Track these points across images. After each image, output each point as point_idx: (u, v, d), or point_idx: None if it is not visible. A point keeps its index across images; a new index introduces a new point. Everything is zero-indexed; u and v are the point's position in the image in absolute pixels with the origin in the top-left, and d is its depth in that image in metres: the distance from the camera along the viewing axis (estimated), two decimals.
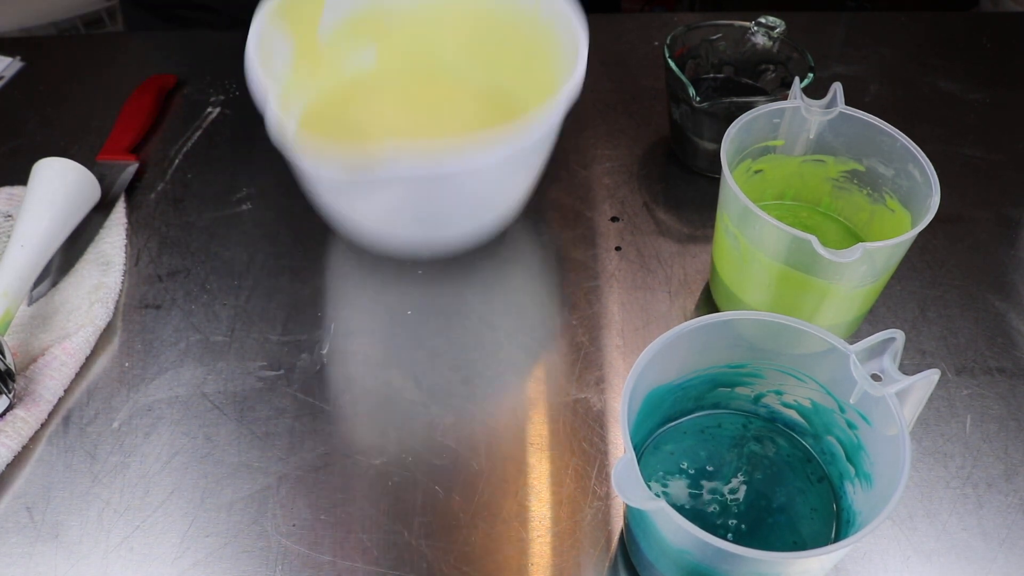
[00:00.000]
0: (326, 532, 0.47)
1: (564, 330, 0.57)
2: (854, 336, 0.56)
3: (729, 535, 0.44)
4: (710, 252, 0.61)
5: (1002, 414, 0.53)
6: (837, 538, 0.44)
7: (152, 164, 0.68)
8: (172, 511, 0.48)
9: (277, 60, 0.56)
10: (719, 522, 0.44)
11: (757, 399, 0.48)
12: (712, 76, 0.68)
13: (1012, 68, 0.79)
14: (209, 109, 0.73)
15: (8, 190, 0.65)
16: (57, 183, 0.60)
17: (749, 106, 0.55)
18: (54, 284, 0.59)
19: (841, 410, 0.43)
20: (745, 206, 0.48)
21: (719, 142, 0.51)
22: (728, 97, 0.62)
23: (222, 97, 0.74)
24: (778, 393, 0.46)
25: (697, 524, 0.35)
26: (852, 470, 0.44)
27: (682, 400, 0.47)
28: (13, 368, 0.51)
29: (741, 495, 0.45)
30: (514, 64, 0.62)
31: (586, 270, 0.61)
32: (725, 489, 0.45)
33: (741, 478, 0.46)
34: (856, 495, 0.43)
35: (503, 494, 0.49)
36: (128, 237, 0.62)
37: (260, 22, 0.54)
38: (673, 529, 0.38)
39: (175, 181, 0.67)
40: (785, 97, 0.55)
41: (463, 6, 0.62)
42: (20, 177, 0.63)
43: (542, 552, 0.47)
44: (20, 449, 0.50)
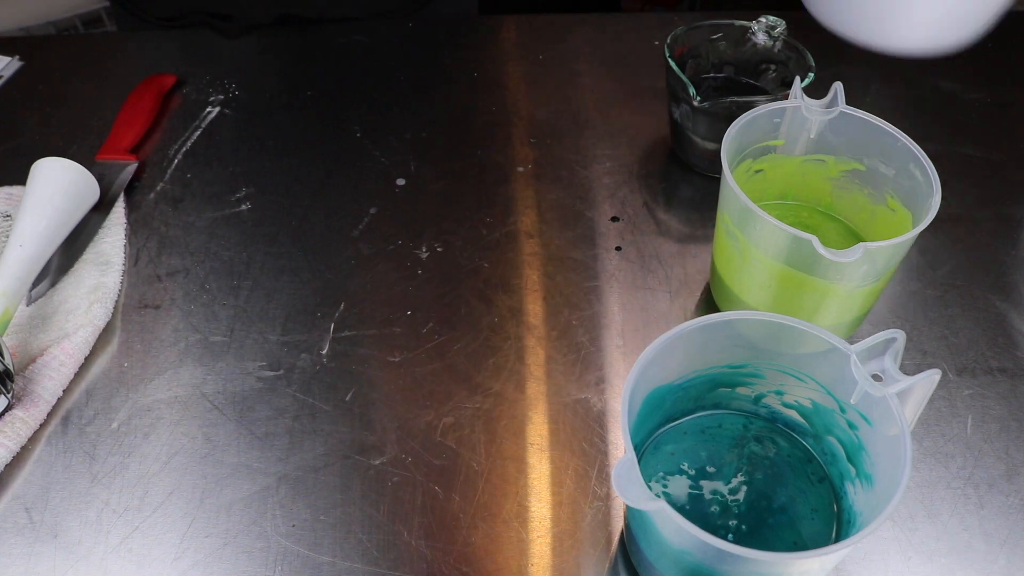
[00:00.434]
0: (326, 532, 0.47)
1: (564, 330, 0.57)
2: (855, 336, 0.56)
3: (729, 535, 0.43)
4: (710, 252, 0.61)
5: (1003, 414, 0.53)
6: (838, 538, 0.44)
7: (151, 164, 0.68)
8: (171, 512, 0.48)
9: None
10: (719, 522, 0.44)
11: (757, 399, 0.47)
12: (712, 76, 0.68)
13: (1013, 68, 0.79)
14: (209, 109, 0.73)
15: (7, 190, 0.65)
16: (56, 183, 0.60)
17: (749, 106, 0.55)
18: (53, 284, 0.58)
19: (842, 410, 0.43)
20: (745, 206, 0.48)
21: (719, 142, 0.51)
22: (728, 97, 0.61)
23: (221, 97, 0.74)
24: (779, 393, 0.46)
25: (697, 524, 0.35)
26: (853, 470, 0.43)
27: (682, 400, 0.47)
28: (12, 368, 0.51)
29: (742, 495, 0.45)
30: None
31: (586, 270, 0.60)
32: (725, 489, 0.45)
33: (741, 478, 0.46)
34: (857, 495, 0.43)
35: (503, 494, 0.49)
36: (127, 237, 0.62)
37: None
38: (673, 529, 0.38)
39: (174, 181, 0.67)
40: (786, 97, 0.55)
41: None
42: (19, 177, 0.63)
43: (542, 552, 0.47)
44: (19, 450, 0.50)
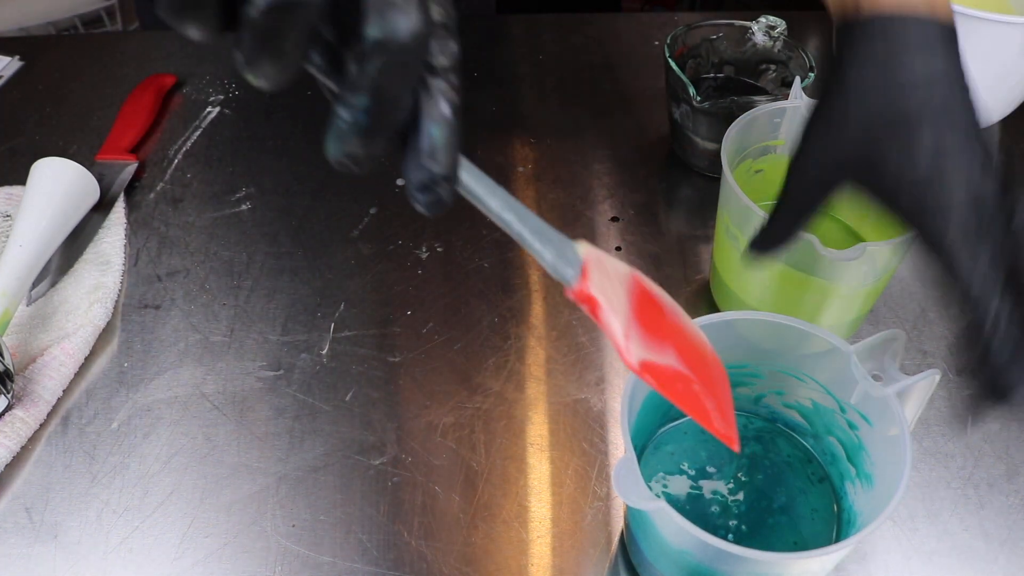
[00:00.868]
0: (326, 532, 0.47)
1: (564, 330, 0.57)
2: (855, 336, 0.56)
3: (729, 535, 0.43)
4: (710, 252, 0.61)
5: (1003, 414, 0.53)
6: (838, 538, 0.44)
7: (151, 164, 0.68)
8: (171, 512, 0.48)
9: None
10: (719, 522, 0.44)
11: (758, 399, 0.47)
12: (712, 76, 0.68)
13: None
14: (208, 109, 0.73)
15: (7, 190, 0.65)
16: (56, 183, 0.60)
17: (750, 106, 0.55)
18: (53, 284, 0.58)
19: (842, 410, 0.43)
20: (746, 206, 0.48)
21: (719, 142, 0.51)
22: (728, 97, 0.61)
23: (221, 97, 0.74)
24: (779, 393, 0.46)
25: (697, 524, 0.35)
26: (853, 470, 0.43)
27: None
28: (12, 368, 0.51)
29: (742, 496, 0.45)
30: None
31: None
32: (725, 490, 0.45)
33: (742, 478, 0.46)
34: (857, 495, 0.43)
35: (503, 494, 0.49)
36: (127, 237, 0.62)
37: None
38: (673, 530, 0.38)
39: (174, 181, 0.67)
40: (786, 97, 0.55)
41: None
42: (19, 177, 0.63)
43: (542, 552, 0.47)
44: (19, 450, 0.50)
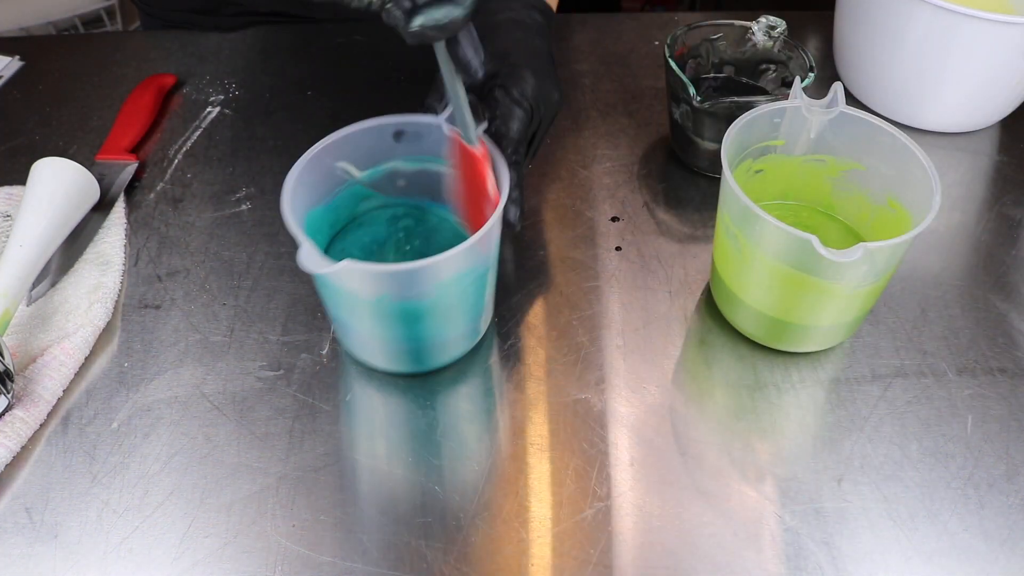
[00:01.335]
0: (326, 532, 0.47)
1: (564, 330, 0.57)
2: (855, 336, 0.56)
3: None
4: (710, 252, 0.61)
5: (1003, 414, 0.53)
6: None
7: (151, 164, 0.68)
8: (171, 512, 0.48)
9: None
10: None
11: (397, 206, 0.58)
12: (712, 76, 0.68)
13: None
14: (209, 109, 0.73)
15: (7, 190, 0.65)
16: (56, 183, 0.60)
17: (750, 106, 0.55)
18: (53, 284, 0.58)
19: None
20: (746, 206, 0.48)
21: (719, 142, 0.51)
22: (729, 97, 0.61)
23: (221, 97, 0.74)
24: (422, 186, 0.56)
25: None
26: (450, 207, 0.56)
27: (336, 215, 0.56)
28: (12, 368, 0.51)
29: (408, 256, 0.55)
30: None
31: (586, 270, 0.60)
32: (394, 257, 0.55)
33: (406, 248, 0.56)
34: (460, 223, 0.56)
35: (503, 494, 0.49)
36: (127, 237, 0.62)
37: None
38: (363, 279, 0.46)
39: (175, 181, 0.67)
40: (786, 97, 0.55)
41: None
42: (19, 177, 0.63)
43: (542, 552, 0.47)
44: (19, 450, 0.50)
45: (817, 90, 0.58)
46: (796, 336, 0.54)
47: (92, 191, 0.62)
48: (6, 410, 0.50)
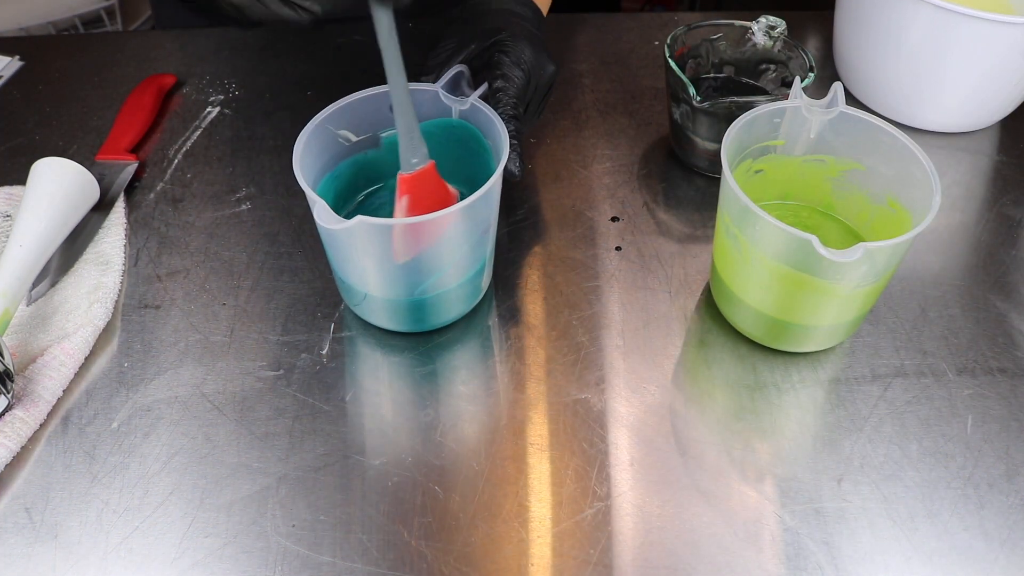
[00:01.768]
0: (326, 532, 0.47)
1: (564, 330, 0.57)
2: (855, 336, 0.56)
3: None
4: (710, 252, 0.61)
5: (1003, 414, 0.53)
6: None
7: (151, 164, 0.68)
8: (171, 512, 0.48)
9: None
10: None
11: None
12: (712, 76, 0.68)
13: None
14: (208, 109, 0.73)
15: (7, 190, 0.65)
16: (56, 183, 0.60)
17: (750, 106, 0.55)
18: (53, 284, 0.58)
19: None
20: (745, 206, 0.48)
21: (719, 142, 0.51)
22: (728, 97, 0.61)
23: (221, 97, 0.74)
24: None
25: None
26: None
27: (340, 185, 0.58)
28: (12, 368, 0.51)
29: None
30: None
31: (586, 270, 0.60)
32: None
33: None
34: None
35: (503, 494, 0.49)
36: (127, 237, 0.62)
37: None
38: (374, 238, 0.49)
39: (174, 181, 0.67)
40: (786, 97, 0.55)
41: None
42: (19, 177, 0.63)
43: (542, 552, 0.47)
44: (19, 450, 0.50)
45: (817, 90, 0.58)
46: (796, 336, 0.54)
47: (92, 191, 0.62)
48: (6, 410, 0.50)
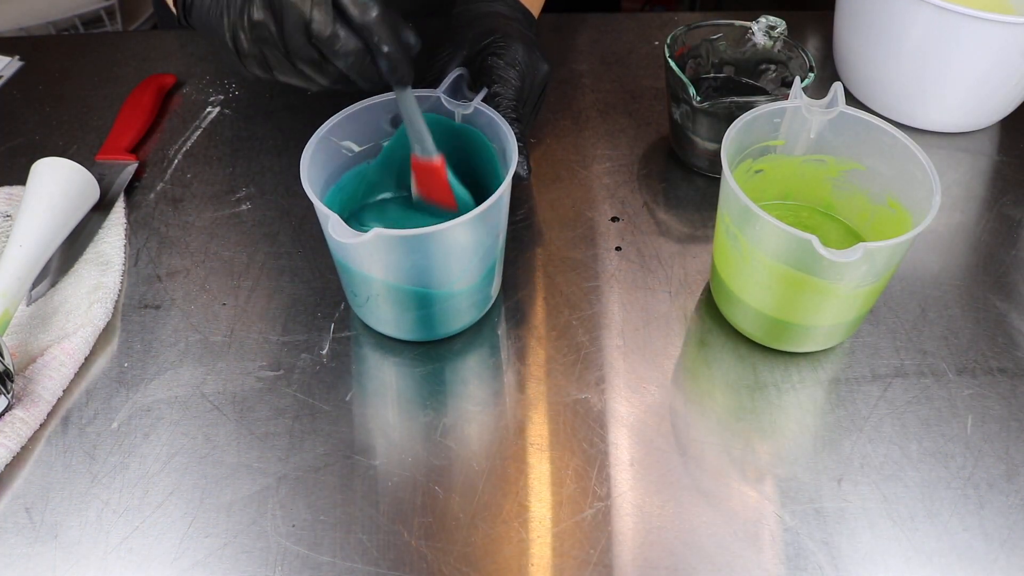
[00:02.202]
0: (326, 532, 0.47)
1: (564, 330, 0.57)
2: (855, 336, 0.56)
3: None
4: (710, 252, 0.61)
5: (1003, 414, 0.53)
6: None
7: (151, 164, 0.68)
8: (171, 512, 0.48)
9: None
10: None
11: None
12: (712, 76, 0.68)
13: None
14: (208, 109, 0.73)
15: (7, 190, 0.65)
16: (56, 183, 0.60)
17: (750, 106, 0.55)
18: (53, 284, 0.58)
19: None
20: (745, 206, 0.48)
21: (719, 142, 0.51)
22: (728, 97, 0.61)
23: (221, 97, 0.74)
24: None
25: None
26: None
27: (344, 197, 0.57)
28: (12, 368, 0.51)
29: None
30: None
31: (586, 270, 0.60)
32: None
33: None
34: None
35: (503, 494, 0.49)
36: (127, 237, 0.62)
37: None
38: (395, 249, 0.48)
39: (174, 181, 0.67)
40: (786, 97, 0.55)
41: None
42: (19, 177, 0.63)
43: (542, 552, 0.47)
44: (19, 450, 0.50)
45: (817, 90, 0.58)
46: (796, 336, 0.54)
47: (92, 191, 0.62)
48: (6, 410, 0.50)
